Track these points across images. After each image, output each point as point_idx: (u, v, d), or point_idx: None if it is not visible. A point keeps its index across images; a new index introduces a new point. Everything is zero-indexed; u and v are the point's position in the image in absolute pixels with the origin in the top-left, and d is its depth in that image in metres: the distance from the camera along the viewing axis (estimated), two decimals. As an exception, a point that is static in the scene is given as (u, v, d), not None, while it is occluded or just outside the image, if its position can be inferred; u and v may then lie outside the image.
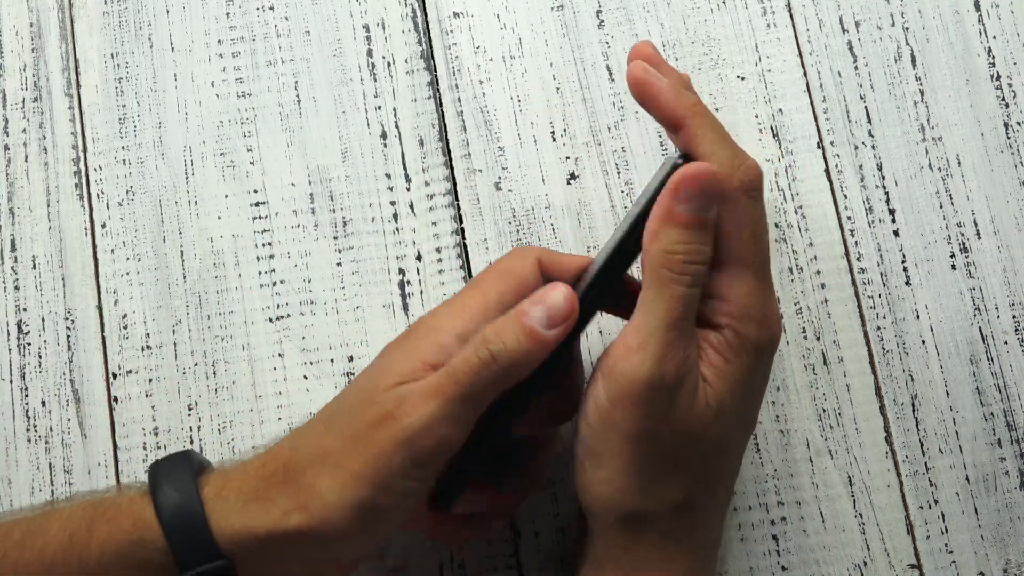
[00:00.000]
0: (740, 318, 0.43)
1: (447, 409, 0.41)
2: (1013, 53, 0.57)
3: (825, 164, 0.56)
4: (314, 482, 0.42)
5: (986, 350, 0.54)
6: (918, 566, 0.53)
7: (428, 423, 0.41)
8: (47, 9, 0.59)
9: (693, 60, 0.57)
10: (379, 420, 0.41)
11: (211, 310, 0.56)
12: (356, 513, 0.41)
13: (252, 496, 0.42)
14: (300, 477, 0.42)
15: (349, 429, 0.42)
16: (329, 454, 0.42)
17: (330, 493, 0.41)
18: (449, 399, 0.41)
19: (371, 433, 0.41)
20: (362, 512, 0.41)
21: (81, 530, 0.43)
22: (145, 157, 0.57)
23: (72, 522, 0.43)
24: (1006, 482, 0.53)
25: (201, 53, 0.58)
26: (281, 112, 0.58)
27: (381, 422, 0.41)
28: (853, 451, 0.54)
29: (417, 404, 0.41)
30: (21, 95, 0.58)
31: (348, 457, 0.42)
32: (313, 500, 0.42)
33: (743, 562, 0.53)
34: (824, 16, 0.58)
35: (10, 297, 0.56)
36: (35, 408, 0.55)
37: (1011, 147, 0.56)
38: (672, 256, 0.42)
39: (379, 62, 0.58)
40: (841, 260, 0.55)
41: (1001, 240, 0.55)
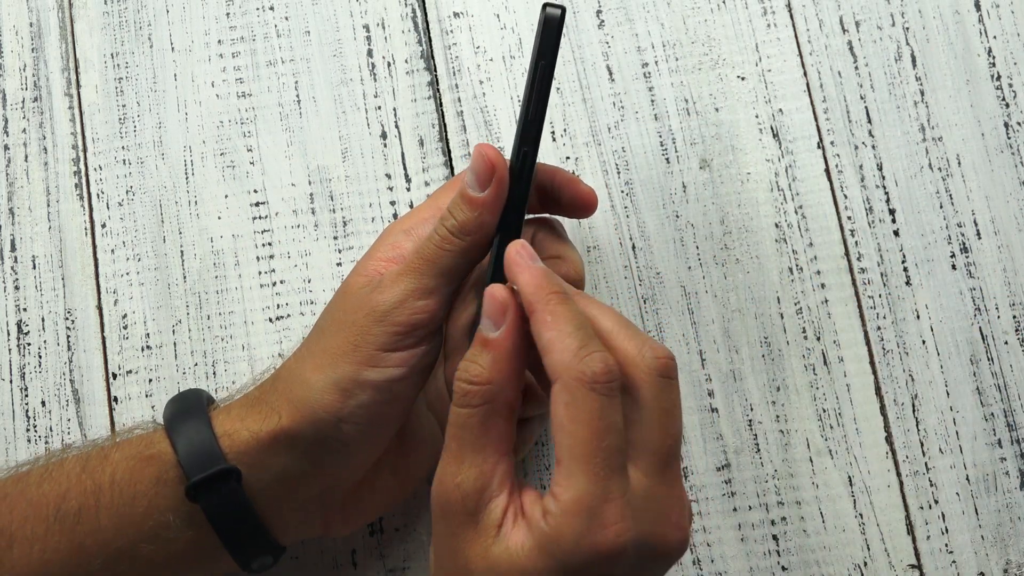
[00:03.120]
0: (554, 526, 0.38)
1: (418, 282, 0.43)
2: (1013, 53, 0.57)
3: (825, 164, 0.56)
4: (301, 375, 0.44)
5: (986, 350, 0.54)
6: (918, 566, 0.53)
7: (401, 297, 0.43)
8: (47, 9, 0.59)
9: (693, 60, 0.57)
10: (356, 307, 0.44)
11: (211, 310, 0.56)
12: (342, 390, 0.43)
13: (251, 404, 0.45)
14: (289, 377, 0.45)
15: (330, 325, 0.45)
16: (313, 350, 0.45)
17: (314, 376, 0.44)
18: (419, 273, 0.43)
19: (350, 318, 0.44)
20: (350, 388, 0.43)
21: (96, 456, 0.45)
22: (145, 157, 0.57)
23: (87, 453, 0.46)
24: (1006, 482, 0.53)
25: (201, 53, 0.58)
26: (281, 112, 0.58)
27: (359, 307, 0.44)
28: (853, 451, 0.54)
29: (389, 284, 0.44)
30: (21, 95, 0.58)
31: (330, 343, 0.44)
32: (301, 390, 0.44)
33: (743, 562, 0.53)
34: (824, 16, 0.58)
35: (10, 297, 0.56)
36: (35, 408, 0.55)
37: (1011, 147, 0.56)
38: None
39: (379, 62, 0.58)
40: (841, 260, 0.55)
41: (1001, 240, 0.55)
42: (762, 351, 0.55)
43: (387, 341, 0.43)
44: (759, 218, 0.56)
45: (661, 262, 0.56)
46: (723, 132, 0.57)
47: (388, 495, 0.49)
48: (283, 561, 0.53)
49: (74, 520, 0.44)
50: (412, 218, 0.47)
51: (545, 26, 0.43)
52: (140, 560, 0.44)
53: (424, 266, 0.44)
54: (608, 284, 0.55)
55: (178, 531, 0.44)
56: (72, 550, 0.44)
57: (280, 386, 0.45)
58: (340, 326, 0.44)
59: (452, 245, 0.43)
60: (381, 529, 0.53)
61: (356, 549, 0.53)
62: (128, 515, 0.44)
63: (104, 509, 0.44)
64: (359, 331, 0.43)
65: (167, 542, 0.44)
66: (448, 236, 0.44)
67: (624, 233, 0.56)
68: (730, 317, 0.55)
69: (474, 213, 0.43)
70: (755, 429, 0.54)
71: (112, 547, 0.44)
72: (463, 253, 0.44)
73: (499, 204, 0.44)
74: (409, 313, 0.43)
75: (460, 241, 0.43)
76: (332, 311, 0.46)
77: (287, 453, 0.44)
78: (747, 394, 0.54)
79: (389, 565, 0.53)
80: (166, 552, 0.44)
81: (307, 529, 0.47)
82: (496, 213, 0.44)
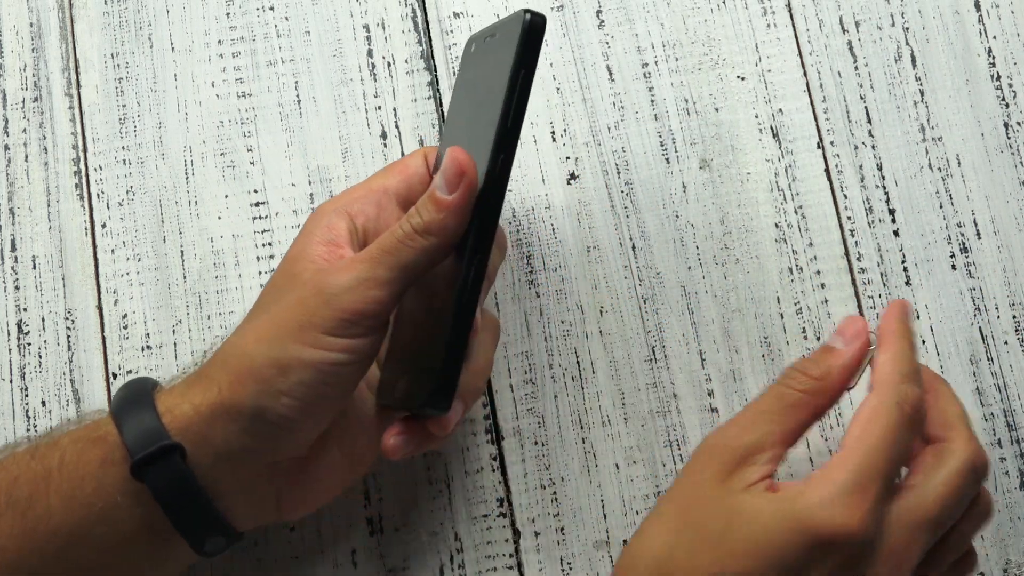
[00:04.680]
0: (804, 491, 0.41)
1: (375, 272, 0.44)
2: (1013, 53, 0.57)
3: (825, 164, 0.56)
4: (242, 347, 0.45)
5: (986, 350, 0.54)
6: (918, 566, 0.53)
7: (354, 283, 0.43)
8: (47, 9, 0.59)
9: (693, 60, 0.57)
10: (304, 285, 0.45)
11: (211, 310, 0.56)
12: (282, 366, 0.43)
13: (194, 380, 0.45)
14: (229, 350, 0.45)
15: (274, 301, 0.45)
16: (255, 324, 0.45)
17: (255, 348, 0.44)
18: (377, 263, 0.44)
19: (296, 295, 0.44)
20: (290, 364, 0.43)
21: (45, 443, 0.46)
22: (145, 157, 0.57)
23: (38, 440, 0.46)
24: (1006, 482, 0.53)
25: (201, 53, 0.58)
26: (281, 112, 0.58)
27: (307, 286, 0.44)
28: (853, 451, 0.54)
29: (344, 268, 0.44)
30: (21, 95, 0.58)
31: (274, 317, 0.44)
32: (241, 361, 0.44)
33: (743, 562, 0.53)
34: (824, 16, 0.58)
35: (10, 297, 0.56)
36: (35, 408, 0.55)
37: (1011, 147, 0.56)
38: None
39: (379, 62, 0.58)
40: (841, 260, 0.55)
41: (1001, 240, 0.55)
42: (762, 351, 0.55)
43: (334, 326, 0.43)
44: (759, 218, 0.56)
45: (661, 262, 0.56)
46: (723, 132, 0.57)
47: (338, 475, 0.49)
48: (284, 561, 0.53)
49: (25, 505, 0.44)
50: (344, 197, 0.48)
51: (529, 34, 0.43)
52: (93, 543, 0.44)
53: (383, 257, 0.44)
54: (608, 284, 0.55)
55: (127, 511, 0.44)
56: (24, 535, 0.44)
57: (219, 358, 0.45)
58: (286, 303, 0.44)
59: (414, 242, 0.44)
60: (381, 529, 0.53)
61: (356, 549, 0.53)
62: (77, 498, 0.44)
63: (54, 493, 0.44)
64: (306, 310, 0.44)
65: (117, 523, 0.44)
66: (411, 233, 0.44)
67: (624, 233, 0.56)
68: (730, 317, 0.55)
69: (440, 215, 0.44)
70: None
71: (63, 531, 0.44)
72: (424, 252, 0.44)
73: (466, 209, 0.44)
74: (360, 301, 0.43)
75: (423, 240, 0.44)
76: (274, 290, 0.46)
77: (228, 425, 0.44)
78: (747, 394, 0.54)
79: (389, 565, 0.53)
80: (118, 534, 0.44)
81: (261, 511, 0.47)
82: (462, 218, 0.44)
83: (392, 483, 0.54)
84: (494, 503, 0.54)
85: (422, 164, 0.49)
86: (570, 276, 0.56)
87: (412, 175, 0.49)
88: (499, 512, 0.53)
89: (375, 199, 0.48)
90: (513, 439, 0.54)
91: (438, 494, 0.54)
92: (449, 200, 0.44)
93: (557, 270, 0.56)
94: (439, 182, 0.44)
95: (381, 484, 0.54)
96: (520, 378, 0.55)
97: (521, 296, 0.55)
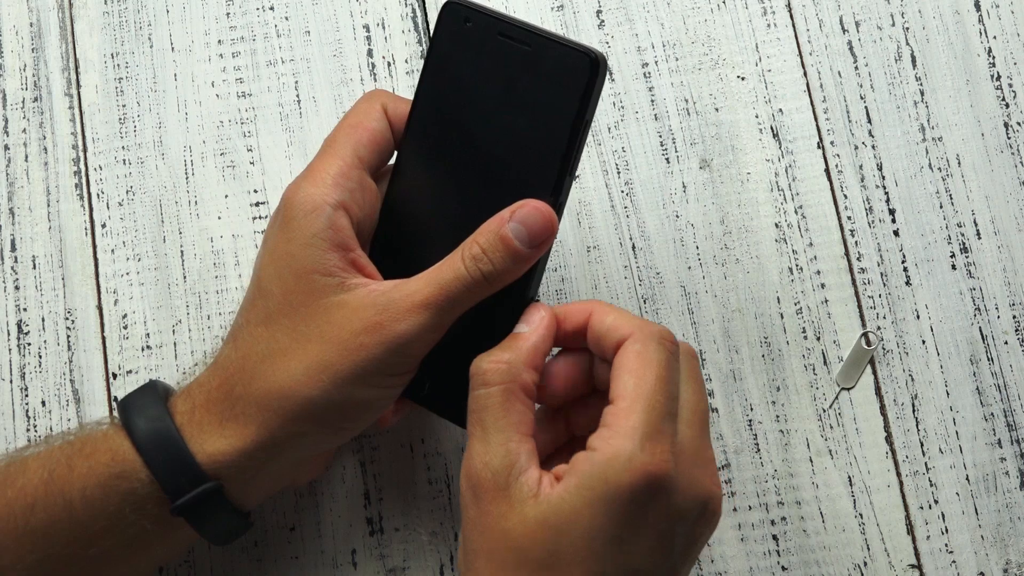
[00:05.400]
0: (606, 454, 0.40)
1: (438, 319, 0.43)
2: (1013, 53, 0.57)
3: (825, 164, 0.56)
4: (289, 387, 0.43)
5: (986, 350, 0.54)
6: (918, 566, 0.53)
7: (419, 332, 0.42)
8: (47, 9, 0.59)
9: (693, 60, 0.57)
10: (366, 328, 0.42)
11: (211, 310, 0.56)
12: (341, 408, 0.43)
13: (226, 416, 0.44)
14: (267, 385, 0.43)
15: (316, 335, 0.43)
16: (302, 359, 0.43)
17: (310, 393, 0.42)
18: (441, 311, 0.43)
19: (359, 339, 0.42)
20: (351, 407, 0.43)
21: (60, 466, 0.44)
22: (145, 157, 0.57)
23: (51, 461, 0.44)
24: (1006, 482, 0.53)
25: (201, 53, 0.58)
26: (281, 112, 0.58)
27: (370, 329, 0.42)
28: (853, 451, 0.54)
29: (408, 313, 0.42)
30: (21, 95, 0.58)
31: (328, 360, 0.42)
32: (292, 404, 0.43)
33: (743, 562, 0.53)
34: (824, 16, 0.58)
35: (10, 297, 0.56)
36: (35, 408, 0.55)
37: (1011, 147, 0.56)
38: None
39: (379, 62, 0.58)
40: (841, 260, 0.55)
41: (1001, 240, 0.55)
42: (762, 351, 0.55)
43: (398, 368, 0.43)
44: (759, 218, 0.56)
45: (661, 262, 0.56)
46: (723, 132, 0.57)
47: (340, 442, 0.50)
48: (284, 561, 0.53)
49: (43, 533, 0.43)
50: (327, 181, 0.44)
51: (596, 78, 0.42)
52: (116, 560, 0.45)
53: (446, 303, 0.43)
54: (608, 284, 0.55)
55: (156, 536, 0.44)
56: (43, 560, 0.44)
57: (259, 394, 0.43)
58: (338, 342, 0.43)
59: (479, 288, 0.43)
60: (381, 529, 0.53)
61: (356, 549, 0.53)
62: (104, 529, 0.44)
63: (77, 524, 0.43)
64: (370, 357, 0.42)
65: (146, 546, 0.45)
66: (481, 280, 0.42)
67: (624, 233, 0.56)
68: (730, 317, 0.55)
69: (515, 266, 0.43)
70: (755, 429, 0.54)
71: (86, 556, 0.44)
72: (482, 295, 0.43)
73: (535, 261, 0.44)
74: (425, 345, 0.43)
75: (487, 285, 0.43)
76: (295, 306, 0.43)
77: (275, 461, 0.44)
78: (747, 394, 0.54)
79: (389, 565, 0.53)
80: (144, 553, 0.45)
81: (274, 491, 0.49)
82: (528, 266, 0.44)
83: (392, 483, 0.54)
84: (494, 503, 0.53)
85: (385, 124, 0.46)
86: (570, 276, 0.56)
87: (380, 140, 0.46)
88: (499, 512, 0.53)
89: (357, 180, 0.45)
90: (513, 439, 0.54)
91: (438, 494, 0.54)
92: (528, 253, 0.43)
93: (557, 270, 0.56)
94: (520, 233, 0.42)
95: (381, 484, 0.54)
96: (520, 378, 0.55)
97: (521, 296, 0.55)
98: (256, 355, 0.44)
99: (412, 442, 0.54)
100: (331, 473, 0.54)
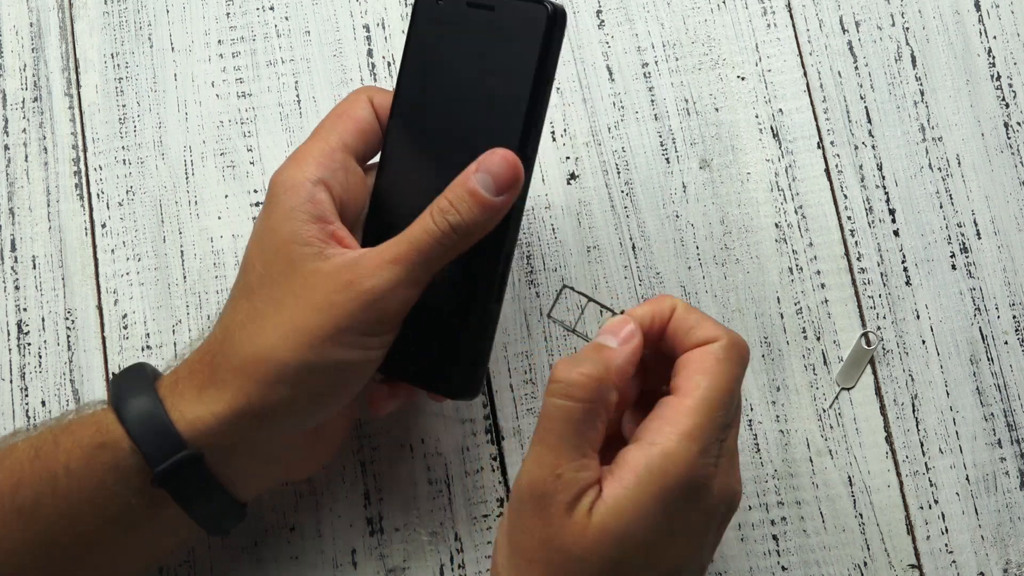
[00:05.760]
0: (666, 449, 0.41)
1: (410, 274, 0.43)
2: (1013, 53, 0.57)
3: (825, 164, 0.56)
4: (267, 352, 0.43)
5: (986, 350, 0.54)
6: (918, 566, 0.53)
7: (391, 285, 0.43)
8: (47, 9, 0.59)
9: (693, 60, 0.57)
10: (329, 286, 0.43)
11: (211, 310, 0.56)
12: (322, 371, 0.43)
13: (205, 383, 0.44)
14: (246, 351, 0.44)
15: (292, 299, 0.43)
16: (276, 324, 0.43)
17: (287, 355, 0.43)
18: (413, 264, 0.43)
19: (324, 297, 0.43)
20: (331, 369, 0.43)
21: (47, 443, 0.44)
22: (145, 157, 0.57)
23: (38, 440, 0.45)
24: (1006, 482, 0.53)
25: (201, 53, 0.58)
26: (281, 112, 0.58)
27: (341, 287, 0.43)
28: (853, 451, 0.54)
29: (377, 269, 0.43)
30: (21, 95, 0.58)
31: (301, 321, 0.43)
32: (270, 368, 0.43)
33: (743, 562, 0.53)
34: (824, 16, 0.58)
35: (10, 297, 0.56)
36: (35, 408, 0.55)
37: (1011, 147, 0.56)
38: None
39: (379, 62, 0.58)
40: (841, 260, 0.55)
41: (1001, 240, 0.55)
42: (762, 351, 0.55)
43: (372, 328, 0.43)
44: (759, 218, 0.56)
45: (661, 262, 0.56)
46: (723, 132, 0.57)
47: (339, 432, 0.49)
48: (284, 561, 0.53)
49: (31, 509, 0.44)
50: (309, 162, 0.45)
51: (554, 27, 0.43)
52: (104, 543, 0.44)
53: (417, 257, 0.43)
54: (608, 284, 0.55)
55: (140, 513, 0.44)
56: (29, 539, 0.44)
57: (239, 360, 0.44)
58: (309, 302, 0.43)
59: (448, 240, 0.43)
60: (381, 529, 0.53)
61: (356, 549, 0.53)
62: (87, 502, 0.44)
63: (61, 498, 0.44)
64: (342, 312, 0.43)
65: (130, 524, 0.44)
66: (449, 232, 0.43)
67: (624, 233, 0.56)
68: (730, 317, 0.55)
69: (483, 216, 0.43)
70: (755, 429, 0.54)
71: (73, 532, 0.44)
72: (456, 249, 0.44)
73: (505, 211, 0.44)
74: (399, 302, 0.43)
75: (457, 238, 0.43)
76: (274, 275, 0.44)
77: (254, 430, 0.44)
78: (747, 394, 0.54)
79: (389, 565, 0.53)
80: (130, 532, 0.45)
81: (269, 482, 0.48)
82: (500, 217, 0.44)
83: (392, 483, 0.54)
84: (494, 503, 0.53)
85: (371, 111, 0.47)
86: (570, 276, 0.56)
87: (366, 128, 0.47)
88: (499, 512, 0.53)
89: (340, 161, 0.46)
90: (513, 439, 0.54)
91: (438, 494, 0.54)
92: (496, 202, 0.43)
93: (557, 270, 0.56)
94: (485, 182, 0.43)
95: (381, 484, 0.54)
96: (520, 378, 0.55)
97: (521, 296, 0.55)
98: (235, 325, 0.45)
99: (412, 442, 0.54)
100: (331, 473, 0.54)
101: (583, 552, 0.40)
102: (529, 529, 0.41)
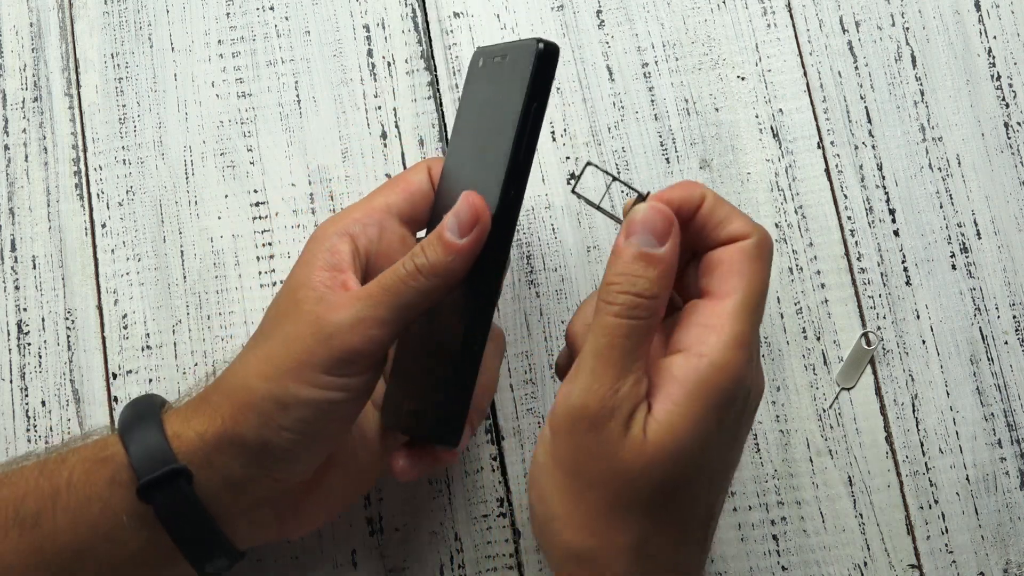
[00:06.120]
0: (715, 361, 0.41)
1: (374, 311, 0.43)
2: (1013, 53, 0.57)
3: (825, 164, 0.56)
4: (244, 380, 0.44)
5: (986, 350, 0.54)
6: (918, 566, 0.53)
7: (353, 322, 0.43)
8: (47, 9, 0.59)
9: (693, 60, 0.57)
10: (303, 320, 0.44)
11: (211, 310, 0.56)
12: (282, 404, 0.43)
13: (197, 405, 0.45)
14: (233, 380, 0.45)
15: (275, 332, 0.45)
16: (258, 355, 0.45)
17: (256, 383, 0.44)
18: (377, 302, 0.43)
19: (296, 330, 0.44)
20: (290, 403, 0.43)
21: (54, 460, 0.45)
22: (145, 157, 0.57)
23: (46, 457, 0.46)
24: (1006, 482, 0.53)
25: (201, 53, 0.58)
26: (281, 112, 0.58)
27: (306, 321, 0.44)
28: (853, 451, 0.54)
29: (343, 305, 0.43)
30: (21, 95, 0.58)
31: (273, 352, 0.44)
32: (243, 394, 0.44)
33: (743, 562, 0.53)
34: (824, 16, 0.58)
35: (10, 297, 0.56)
36: (35, 408, 0.55)
37: (1011, 147, 0.56)
38: (608, 285, 0.42)
39: (379, 62, 0.58)
40: (841, 260, 0.55)
41: (1001, 240, 0.55)
42: (762, 351, 0.55)
43: (331, 365, 0.43)
44: (759, 218, 0.56)
45: (661, 262, 0.56)
46: (723, 132, 0.57)
47: (341, 495, 0.49)
48: (284, 561, 0.53)
49: (32, 522, 0.44)
50: (345, 219, 0.47)
51: (541, 64, 0.43)
52: (98, 561, 0.44)
53: (383, 296, 0.43)
54: (608, 284, 0.55)
55: (133, 532, 0.44)
56: (31, 552, 0.44)
57: (224, 387, 0.45)
58: (285, 337, 0.44)
59: (416, 282, 0.43)
60: (381, 529, 0.53)
61: (356, 549, 0.53)
62: (84, 516, 0.44)
63: (61, 512, 0.44)
64: (304, 348, 0.43)
65: (122, 543, 0.44)
66: (415, 272, 0.43)
67: (624, 233, 0.56)
68: (730, 317, 0.55)
69: (448, 257, 0.43)
70: (755, 429, 0.54)
71: (70, 549, 0.44)
72: (426, 293, 0.43)
73: (474, 254, 0.43)
74: (359, 340, 0.43)
75: (425, 281, 0.43)
76: (277, 317, 0.45)
77: (233, 455, 0.44)
78: (747, 394, 0.54)
79: (389, 565, 0.53)
80: (123, 553, 0.45)
81: (262, 532, 0.47)
82: (469, 262, 0.43)
83: (392, 483, 0.54)
84: (494, 503, 0.54)
85: (426, 179, 0.48)
86: (570, 276, 0.56)
87: (416, 192, 0.48)
88: (499, 512, 0.53)
89: (377, 219, 0.47)
90: (513, 439, 0.54)
91: (438, 494, 0.54)
92: (460, 245, 0.43)
93: (557, 270, 0.56)
94: (451, 224, 0.43)
95: (381, 484, 0.54)
96: (520, 378, 0.55)
97: (521, 296, 0.55)
98: (235, 357, 0.46)
99: (412, 442, 0.54)
100: (331, 473, 0.54)
101: (641, 471, 0.40)
102: (586, 449, 0.41)
